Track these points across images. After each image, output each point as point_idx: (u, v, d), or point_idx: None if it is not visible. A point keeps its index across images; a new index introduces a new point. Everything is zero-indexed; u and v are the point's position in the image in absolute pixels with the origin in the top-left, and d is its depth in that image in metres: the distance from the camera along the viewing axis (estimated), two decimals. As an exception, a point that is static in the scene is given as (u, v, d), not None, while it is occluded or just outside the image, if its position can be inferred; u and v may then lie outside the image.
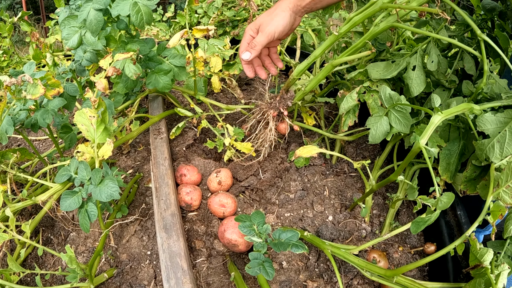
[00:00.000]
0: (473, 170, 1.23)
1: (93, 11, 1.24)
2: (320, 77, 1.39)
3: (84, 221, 1.09)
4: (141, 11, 1.22)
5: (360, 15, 1.24)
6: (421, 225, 1.05)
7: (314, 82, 1.41)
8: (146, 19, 1.24)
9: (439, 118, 1.07)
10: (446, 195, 1.07)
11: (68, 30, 1.31)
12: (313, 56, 1.37)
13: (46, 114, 1.28)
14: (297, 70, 1.39)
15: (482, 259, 1.07)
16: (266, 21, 1.28)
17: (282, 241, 1.09)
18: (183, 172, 1.48)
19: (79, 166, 1.12)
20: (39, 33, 2.14)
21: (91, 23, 1.24)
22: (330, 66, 1.36)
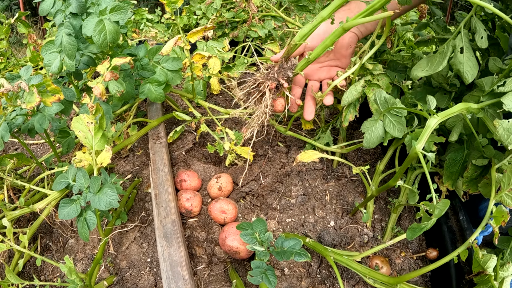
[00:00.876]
0: (474, 170, 1.20)
1: (65, 36, 1.20)
2: (328, 42, 1.15)
3: (83, 230, 1.06)
4: (105, 30, 1.15)
5: None
6: (417, 232, 1.03)
7: (320, 49, 1.18)
8: (111, 39, 1.17)
9: (435, 121, 1.04)
10: (442, 202, 1.04)
11: (48, 56, 1.27)
12: (320, 17, 1.13)
13: (43, 119, 1.24)
14: (300, 34, 1.17)
15: (485, 266, 1.06)
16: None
17: (284, 250, 1.06)
18: (183, 178, 1.45)
19: (77, 173, 1.09)
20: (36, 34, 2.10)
21: (66, 48, 1.20)
22: (341, 30, 1.12)
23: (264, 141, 1.71)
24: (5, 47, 2.03)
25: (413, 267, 1.38)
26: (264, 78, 1.23)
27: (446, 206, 0.99)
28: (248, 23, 1.93)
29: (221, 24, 2.09)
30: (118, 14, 1.18)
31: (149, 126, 1.57)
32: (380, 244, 1.40)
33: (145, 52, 1.39)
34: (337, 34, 1.12)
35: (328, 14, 1.13)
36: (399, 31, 1.84)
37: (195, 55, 1.43)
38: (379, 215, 1.49)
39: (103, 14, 1.17)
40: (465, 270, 1.27)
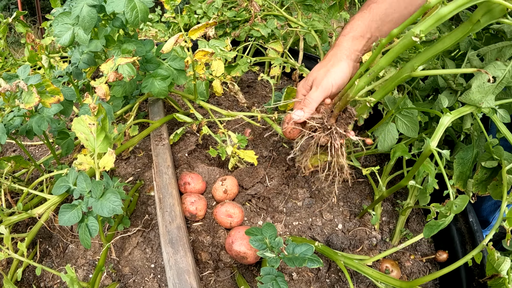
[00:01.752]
0: (483, 172, 1.16)
1: (86, 7, 1.13)
2: (391, 87, 1.03)
3: (85, 237, 0.99)
4: (137, 8, 1.10)
5: (452, 5, 0.83)
6: (434, 229, 0.98)
7: (382, 94, 1.06)
8: (141, 17, 1.12)
9: (448, 119, 0.99)
10: (460, 198, 0.98)
11: (60, 27, 1.20)
12: (378, 67, 0.98)
13: (41, 120, 1.16)
14: (357, 88, 1.02)
15: (499, 269, 1.00)
16: (320, 74, 1.08)
17: (296, 256, 1.00)
18: (187, 181, 1.37)
19: (78, 177, 1.02)
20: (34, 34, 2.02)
21: (84, 20, 1.13)
22: (409, 73, 0.96)
23: (268, 143, 1.64)
24: (2, 47, 1.95)
25: (423, 270, 1.32)
26: (320, 127, 1.08)
27: (465, 202, 0.94)
28: (251, 22, 1.86)
29: (222, 23, 2.02)
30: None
31: (152, 127, 1.49)
32: (389, 246, 1.35)
33: (151, 47, 1.32)
34: (402, 79, 0.99)
35: (387, 62, 0.97)
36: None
37: (197, 52, 1.35)
38: (387, 217, 1.43)
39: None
40: (475, 272, 1.21)
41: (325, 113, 1.08)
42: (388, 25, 1.08)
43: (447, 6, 0.82)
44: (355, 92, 1.02)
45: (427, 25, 0.83)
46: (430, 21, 0.83)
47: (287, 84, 2.13)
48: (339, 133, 1.06)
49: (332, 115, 1.07)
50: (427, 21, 0.84)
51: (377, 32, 1.08)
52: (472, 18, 0.82)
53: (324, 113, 1.08)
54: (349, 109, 1.07)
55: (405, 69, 0.96)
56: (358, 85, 1.01)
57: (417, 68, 0.93)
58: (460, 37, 0.85)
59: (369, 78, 0.99)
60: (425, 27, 0.84)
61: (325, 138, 1.06)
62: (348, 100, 1.03)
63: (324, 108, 1.09)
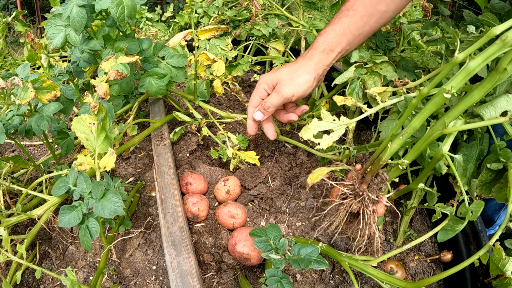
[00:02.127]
0: (488, 173, 1.13)
1: (76, 8, 1.10)
2: (423, 147, 0.99)
3: (85, 238, 0.95)
4: (123, 4, 1.07)
5: (479, 59, 0.82)
6: (449, 234, 0.97)
7: (415, 155, 1.02)
8: (128, 13, 1.08)
9: (461, 122, 0.96)
10: (475, 204, 0.96)
11: (53, 29, 1.18)
12: (411, 128, 0.95)
13: (41, 120, 1.13)
14: (390, 151, 0.99)
15: (504, 269, 0.98)
16: (285, 80, 1.08)
17: (302, 257, 0.97)
18: (188, 181, 1.34)
19: (78, 177, 0.98)
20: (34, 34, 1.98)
21: (74, 21, 1.10)
22: (440, 130, 0.93)
23: (270, 142, 1.61)
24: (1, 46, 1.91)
25: (427, 271, 1.30)
26: (352, 194, 1.06)
27: (481, 208, 0.92)
28: (251, 21, 1.83)
29: (222, 22, 1.99)
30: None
31: (152, 127, 1.46)
32: (393, 247, 1.32)
33: (149, 45, 1.29)
34: (434, 136, 0.96)
35: (420, 123, 0.95)
36: (405, 30, 1.75)
37: (201, 54, 1.32)
38: (390, 217, 1.40)
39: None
40: (480, 272, 1.19)
41: (356, 179, 1.06)
42: (359, 39, 1.10)
43: (475, 59, 0.83)
44: (388, 156, 1.00)
45: (458, 80, 0.84)
46: (460, 76, 0.84)
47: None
48: (371, 199, 1.03)
49: (363, 180, 1.05)
50: (457, 76, 0.84)
51: (347, 46, 1.09)
52: (499, 67, 0.81)
53: (355, 179, 1.06)
54: (381, 174, 1.04)
55: (437, 126, 0.94)
56: (391, 149, 0.99)
57: (448, 125, 0.91)
58: (489, 87, 0.84)
59: (403, 140, 0.97)
60: (456, 82, 0.84)
61: (357, 205, 1.04)
62: (381, 164, 1.01)
63: (354, 173, 1.08)
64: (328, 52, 1.08)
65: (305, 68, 1.08)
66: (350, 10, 1.07)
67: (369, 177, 1.04)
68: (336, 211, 1.10)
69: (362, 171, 1.08)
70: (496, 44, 0.79)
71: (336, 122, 1.07)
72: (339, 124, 1.08)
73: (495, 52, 0.79)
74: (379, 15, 1.07)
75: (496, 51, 0.79)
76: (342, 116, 1.09)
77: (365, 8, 1.06)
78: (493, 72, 0.82)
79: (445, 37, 1.52)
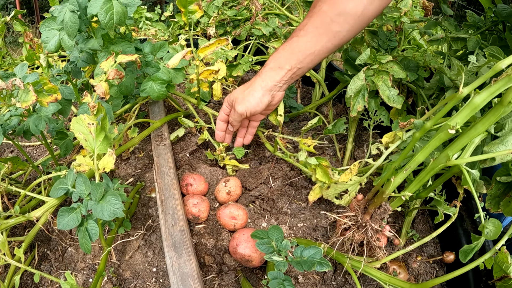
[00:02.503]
0: (497, 187, 1.10)
1: (68, 13, 1.08)
2: (426, 178, 0.97)
3: (85, 241, 0.93)
4: (112, 10, 1.05)
5: (484, 94, 0.81)
6: (469, 254, 0.96)
7: (417, 186, 1.01)
8: (117, 20, 1.06)
9: (480, 137, 0.93)
10: (492, 223, 0.94)
11: (47, 32, 1.17)
12: (415, 163, 0.95)
13: (39, 120, 1.11)
14: (393, 185, 0.99)
15: (508, 271, 0.96)
16: (239, 98, 1.17)
17: (305, 259, 0.95)
18: (189, 182, 1.32)
19: (77, 178, 0.96)
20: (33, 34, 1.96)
21: (67, 26, 1.09)
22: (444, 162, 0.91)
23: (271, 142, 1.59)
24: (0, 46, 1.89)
25: (430, 272, 1.28)
26: (354, 225, 1.09)
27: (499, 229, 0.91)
28: (252, 21, 1.81)
29: (222, 22, 1.96)
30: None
31: (152, 127, 1.43)
32: (395, 248, 1.30)
33: (151, 49, 1.27)
34: (436, 169, 0.94)
35: (424, 157, 0.95)
36: (406, 29, 1.72)
37: (203, 71, 1.31)
38: (392, 218, 1.38)
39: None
40: (483, 273, 1.17)
41: (359, 210, 1.08)
42: (310, 57, 1.12)
43: (480, 95, 0.82)
44: (391, 190, 1.00)
45: (463, 116, 0.84)
46: (465, 112, 0.84)
47: (288, 83, 2.08)
48: (374, 230, 1.05)
49: (366, 211, 1.07)
50: (462, 112, 0.84)
51: (298, 63, 1.12)
52: (504, 101, 0.79)
53: (357, 210, 1.08)
54: (383, 205, 1.05)
55: (440, 159, 0.92)
56: (394, 182, 0.99)
57: (452, 157, 0.90)
58: (493, 120, 0.83)
59: (406, 174, 0.97)
60: (461, 118, 0.84)
61: (360, 236, 1.07)
62: (385, 197, 1.02)
63: (356, 204, 1.09)
64: (276, 70, 1.13)
65: (254, 85, 1.15)
66: (301, 30, 1.11)
67: (372, 209, 1.06)
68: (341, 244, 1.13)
69: (364, 202, 1.09)
70: (503, 79, 0.78)
71: (350, 183, 1.14)
72: (352, 183, 1.15)
73: (501, 87, 0.78)
74: (331, 35, 1.08)
75: (502, 86, 0.78)
76: (355, 176, 1.14)
77: (316, 28, 1.08)
78: (498, 105, 0.81)
79: (447, 37, 1.50)
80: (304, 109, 1.71)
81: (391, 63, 1.26)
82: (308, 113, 1.80)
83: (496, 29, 1.48)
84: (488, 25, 1.46)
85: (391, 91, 1.23)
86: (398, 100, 1.23)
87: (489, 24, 1.47)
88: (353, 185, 1.16)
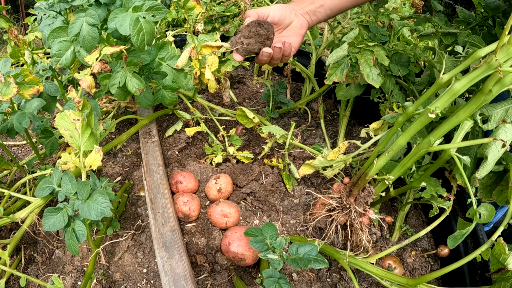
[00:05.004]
0: (489, 177, 1.09)
1: (87, 26, 1.02)
2: (409, 164, 0.99)
3: (72, 242, 0.88)
4: (143, 30, 1.00)
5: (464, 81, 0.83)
6: (458, 239, 0.94)
7: (401, 171, 1.02)
8: (148, 40, 1.01)
9: (469, 124, 0.93)
10: (484, 207, 0.92)
11: (58, 45, 1.08)
12: (397, 146, 0.97)
13: (23, 117, 1.05)
14: (376, 168, 1.01)
15: (505, 263, 0.95)
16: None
17: (301, 257, 0.91)
18: (178, 179, 1.27)
19: (62, 177, 0.91)
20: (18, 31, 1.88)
21: (85, 40, 1.02)
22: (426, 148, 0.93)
23: (261, 139, 1.55)
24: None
25: (425, 266, 1.25)
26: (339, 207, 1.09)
27: (493, 212, 0.89)
28: (241, 16, 1.77)
29: (211, 18, 1.92)
30: (155, 14, 1.02)
31: (140, 124, 1.38)
32: (389, 243, 1.28)
33: (155, 54, 1.22)
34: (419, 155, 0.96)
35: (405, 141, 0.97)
36: (396, 26, 1.70)
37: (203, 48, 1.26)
38: (385, 213, 1.36)
39: (137, 11, 1.01)
40: (477, 266, 1.15)
41: (344, 192, 1.09)
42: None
43: (460, 81, 0.83)
44: (374, 172, 1.02)
45: (443, 101, 0.86)
46: (445, 97, 0.86)
47: (278, 79, 2.04)
48: (358, 212, 1.06)
49: (351, 194, 1.07)
50: (442, 97, 0.86)
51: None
52: (484, 89, 0.81)
53: (342, 192, 1.09)
54: (367, 187, 1.07)
55: (423, 145, 0.94)
56: (377, 165, 1.01)
57: (434, 143, 0.92)
58: (474, 108, 0.85)
59: (388, 156, 0.99)
60: (441, 103, 0.86)
61: (344, 218, 1.07)
62: (368, 179, 1.03)
63: (342, 187, 1.10)
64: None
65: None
66: None
67: (356, 191, 1.06)
68: (324, 223, 1.13)
69: (349, 185, 1.09)
70: (481, 66, 0.79)
71: (336, 160, 1.16)
72: (338, 161, 1.15)
73: (480, 74, 0.80)
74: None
75: (481, 73, 0.80)
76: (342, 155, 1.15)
77: None
78: (479, 94, 0.82)
79: (438, 32, 1.48)
80: (294, 104, 1.67)
81: (378, 47, 1.23)
82: (298, 109, 1.77)
83: (486, 24, 1.47)
84: (478, 21, 1.44)
85: (372, 69, 1.21)
86: (377, 79, 1.21)
87: (479, 19, 1.45)
88: (338, 163, 1.17)
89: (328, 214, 1.08)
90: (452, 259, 1.18)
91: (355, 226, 1.07)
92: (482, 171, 0.96)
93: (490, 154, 0.94)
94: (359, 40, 1.26)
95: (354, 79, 1.31)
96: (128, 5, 1.01)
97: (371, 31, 1.36)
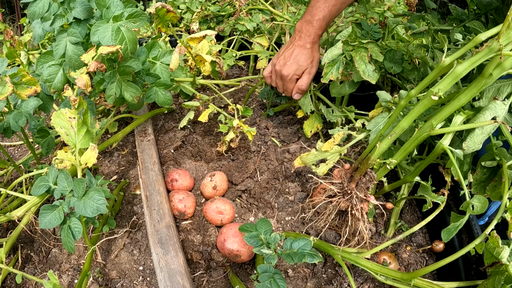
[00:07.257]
0: (483, 172, 1.11)
1: (71, 46, 1.03)
2: (411, 148, 1.00)
3: (68, 240, 0.89)
4: (125, 39, 1.00)
5: (466, 64, 0.85)
6: (452, 232, 0.96)
7: (403, 155, 1.02)
8: (131, 48, 1.02)
9: (462, 119, 0.95)
10: (477, 199, 0.93)
11: (48, 70, 1.09)
12: (399, 129, 0.98)
13: (19, 116, 1.06)
14: (378, 151, 1.01)
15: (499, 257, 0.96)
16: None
17: (295, 251, 0.92)
18: (174, 177, 1.28)
19: (58, 175, 0.92)
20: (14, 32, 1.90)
21: (71, 60, 1.03)
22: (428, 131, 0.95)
23: (257, 137, 1.56)
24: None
25: (420, 261, 1.26)
26: (340, 193, 1.08)
27: (485, 204, 0.90)
28: (236, 16, 1.78)
29: (206, 18, 1.93)
30: (135, 21, 1.02)
31: (136, 122, 1.39)
32: (384, 239, 1.29)
33: (146, 56, 1.22)
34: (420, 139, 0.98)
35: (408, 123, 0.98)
36: (390, 24, 1.71)
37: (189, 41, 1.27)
38: (380, 209, 1.36)
39: (117, 20, 1.01)
40: (472, 260, 1.16)
41: (345, 178, 1.07)
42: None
43: (462, 64, 0.85)
44: (377, 156, 1.02)
45: (445, 83, 0.88)
46: (448, 80, 0.87)
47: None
48: (359, 198, 1.04)
49: (352, 179, 1.06)
50: (445, 80, 0.88)
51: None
52: (485, 72, 0.83)
53: (344, 178, 1.07)
54: (369, 173, 1.06)
55: (424, 128, 0.95)
56: (380, 148, 1.01)
57: (435, 126, 0.93)
58: (475, 92, 0.87)
59: (391, 139, 1.00)
60: (444, 86, 0.88)
61: (345, 203, 1.05)
62: (370, 163, 1.03)
63: (343, 172, 1.08)
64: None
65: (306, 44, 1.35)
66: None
67: (357, 176, 1.05)
68: (324, 209, 1.11)
69: (351, 171, 1.08)
70: (483, 50, 0.81)
71: (330, 151, 1.14)
72: (332, 153, 1.14)
73: (481, 57, 0.82)
74: None
75: (482, 56, 0.82)
76: (336, 146, 1.14)
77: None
78: (480, 77, 0.84)
79: (431, 30, 1.50)
80: (290, 102, 1.68)
81: (371, 44, 1.25)
82: (293, 107, 1.78)
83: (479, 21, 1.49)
84: (471, 18, 1.46)
85: (367, 66, 1.22)
86: (373, 75, 1.22)
87: (472, 17, 1.46)
88: (333, 155, 1.15)
89: (329, 200, 1.07)
90: (447, 254, 1.18)
91: (354, 213, 1.06)
92: (469, 142, 0.96)
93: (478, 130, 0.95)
94: (352, 38, 1.27)
95: (348, 77, 1.33)
96: (108, 15, 1.01)
97: (364, 28, 1.38)
